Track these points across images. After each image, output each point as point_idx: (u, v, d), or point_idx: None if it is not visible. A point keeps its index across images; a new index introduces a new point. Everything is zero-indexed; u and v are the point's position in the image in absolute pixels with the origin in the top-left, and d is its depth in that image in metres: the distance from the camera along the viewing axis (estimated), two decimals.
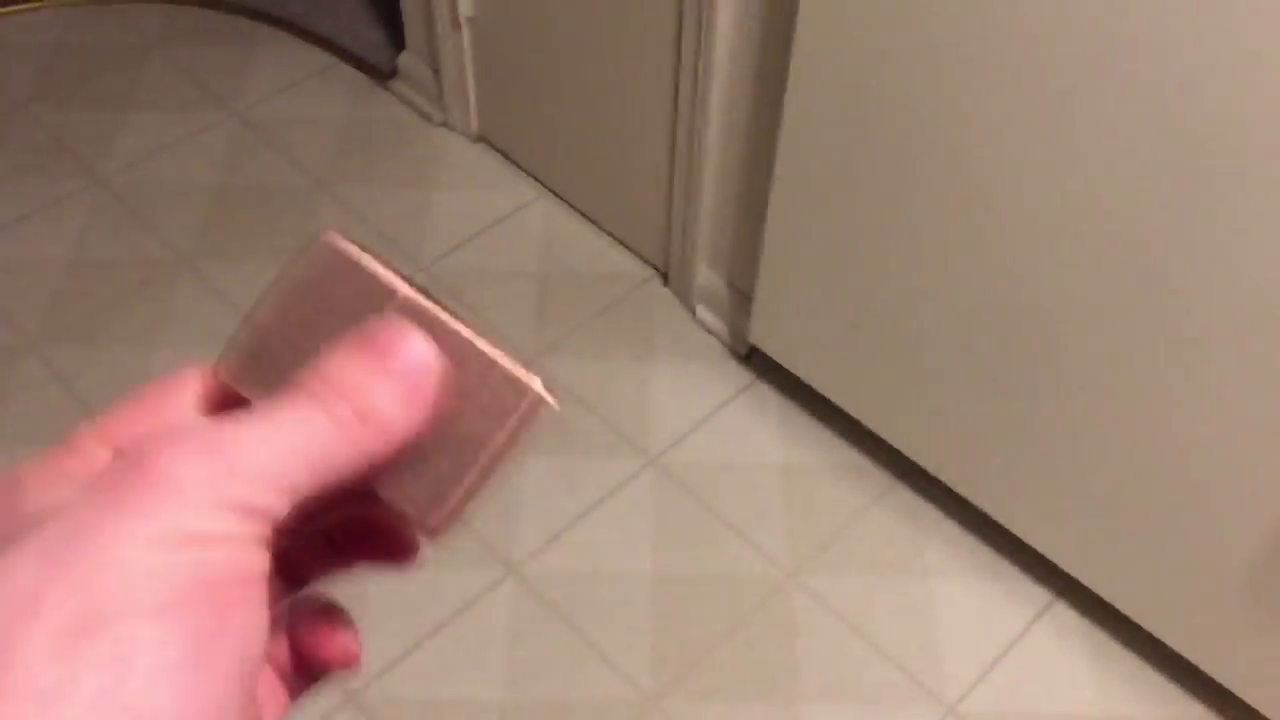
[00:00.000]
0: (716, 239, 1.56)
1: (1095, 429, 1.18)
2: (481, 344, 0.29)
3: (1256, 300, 0.98)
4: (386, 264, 0.30)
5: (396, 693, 1.28)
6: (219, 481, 0.25)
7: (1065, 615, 1.36)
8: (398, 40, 1.91)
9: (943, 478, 1.38)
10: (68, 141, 1.84)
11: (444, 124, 1.87)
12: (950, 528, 1.42)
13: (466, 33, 1.73)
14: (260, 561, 0.26)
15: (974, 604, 1.36)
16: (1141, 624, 1.28)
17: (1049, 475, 1.26)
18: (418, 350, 0.28)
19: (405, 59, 1.90)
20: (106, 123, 1.87)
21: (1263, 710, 1.21)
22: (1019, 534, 1.34)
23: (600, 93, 1.59)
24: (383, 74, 1.94)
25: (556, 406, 0.29)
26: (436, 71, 1.83)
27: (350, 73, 1.97)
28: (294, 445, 0.26)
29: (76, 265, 1.68)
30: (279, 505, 0.26)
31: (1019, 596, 1.37)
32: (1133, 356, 1.10)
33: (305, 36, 2.02)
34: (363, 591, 1.28)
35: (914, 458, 1.40)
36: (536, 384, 0.29)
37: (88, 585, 0.23)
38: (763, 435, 1.51)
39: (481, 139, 1.86)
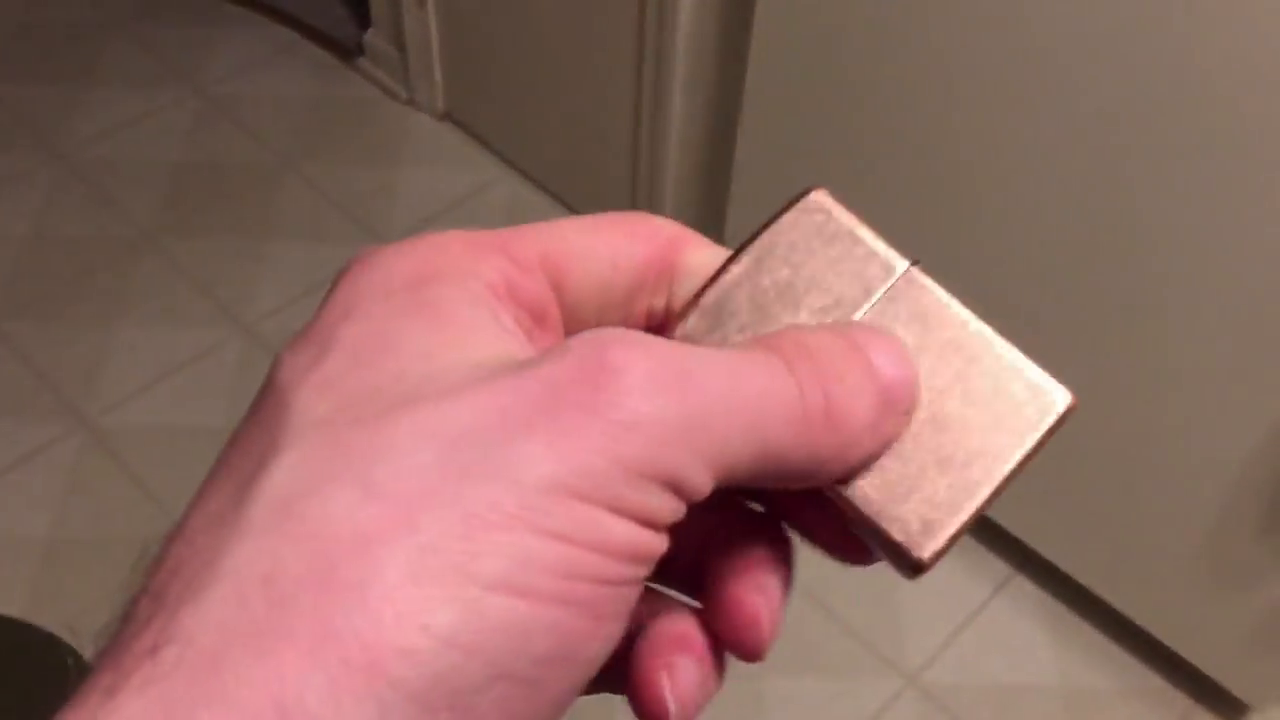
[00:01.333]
0: (681, 215, 1.56)
1: None
2: (1000, 344, 0.25)
3: (1215, 269, 1.00)
4: (879, 235, 0.25)
5: None
6: (678, 438, 0.20)
7: (1025, 588, 1.37)
8: (363, 17, 1.90)
9: None
10: (29, 117, 1.82)
11: (409, 102, 1.87)
12: None
13: (432, 10, 1.72)
14: (657, 554, 0.21)
15: (934, 577, 1.36)
16: (1100, 595, 1.29)
17: None
18: (904, 361, 0.23)
19: (370, 36, 1.89)
20: (68, 99, 1.85)
21: (1217, 678, 1.23)
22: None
23: (565, 71, 1.59)
24: (348, 51, 1.93)
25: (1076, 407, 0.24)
26: (402, 49, 1.82)
27: (315, 50, 1.96)
28: (756, 414, 0.21)
29: (37, 241, 1.66)
30: (706, 487, 0.21)
31: (979, 570, 1.38)
32: (1092, 330, 1.11)
33: (270, 13, 2.01)
34: None
35: None
36: (1065, 392, 0.24)
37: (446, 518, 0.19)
38: None
39: (447, 117, 1.85)
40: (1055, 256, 1.10)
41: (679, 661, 0.23)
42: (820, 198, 0.25)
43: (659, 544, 0.21)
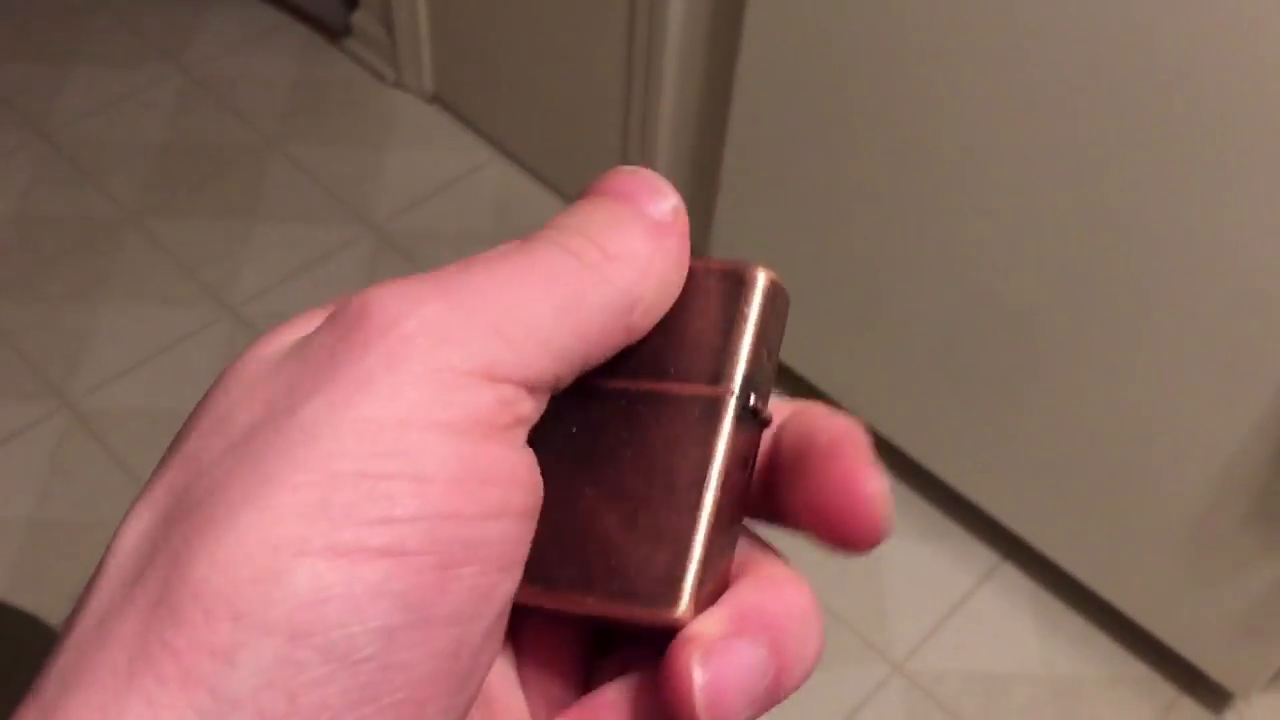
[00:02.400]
0: None
1: (1042, 391, 1.19)
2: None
3: (1204, 258, 0.99)
4: None
5: None
6: (462, 334, 0.19)
7: (1012, 576, 1.37)
8: None
9: (892, 439, 1.39)
10: (11, 95, 1.80)
11: (398, 84, 1.85)
12: (898, 489, 1.43)
13: None
14: (525, 462, 0.20)
15: (922, 565, 1.37)
16: (1087, 584, 1.29)
17: (997, 437, 1.27)
18: (667, 194, 0.23)
19: (359, 17, 1.87)
20: (52, 77, 1.83)
21: (1202, 666, 1.23)
22: (967, 495, 1.35)
23: (556, 53, 1.58)
24: (335, 32, 1.91)
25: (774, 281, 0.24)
26: (390, 30, 1.81)
27: (302, 30, 1.94)
28: (541, 287, 0.20)
29: (20, 220, 1.65)
30: (543, 369, 0.20)
31: (966, 558, 1.38)
32: (1080, 320, 1.11)
33: None
34: None
35: (862, 417, 1.40)
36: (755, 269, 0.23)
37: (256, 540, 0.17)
38: None
39: (436, 99, 1.84)
40: (1045, 247, 1.09)
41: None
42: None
43: (501, 454, 0.19)
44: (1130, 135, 0.98)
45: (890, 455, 1.43)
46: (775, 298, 0.23)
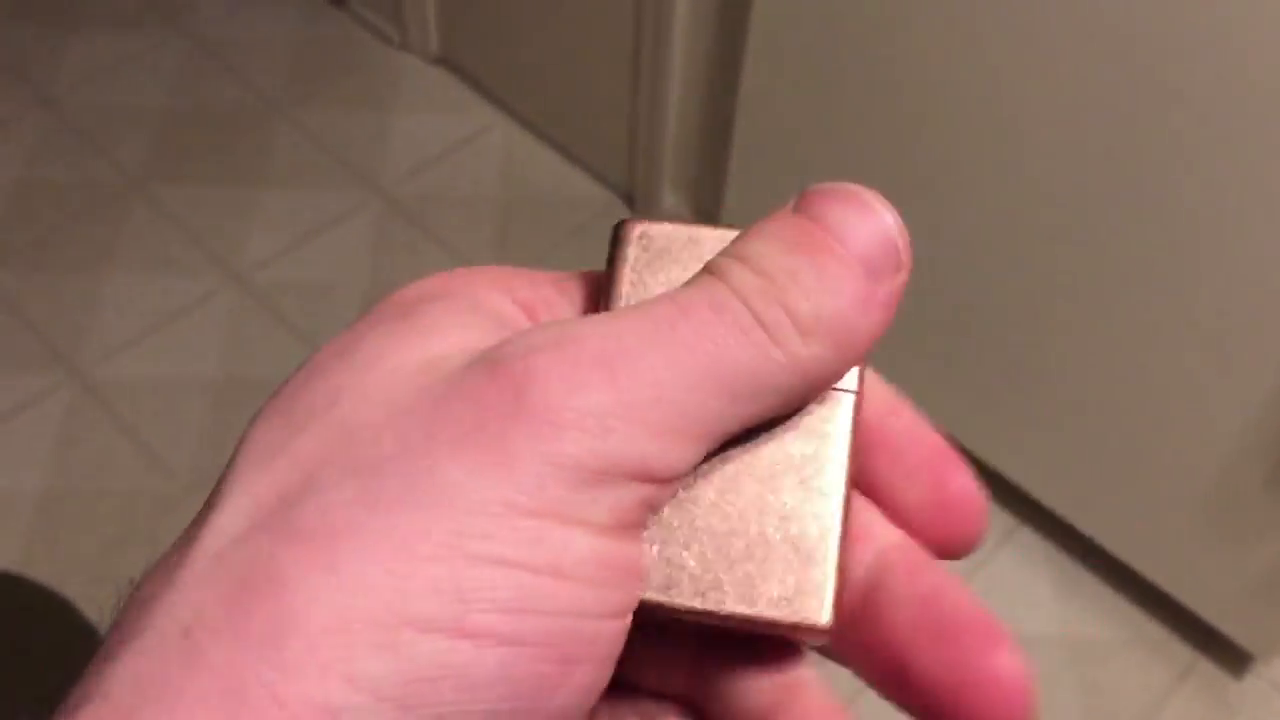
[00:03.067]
0: (682, 163, 1.53)
1: (1060, 353, 1.17)
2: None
3: (1224, 226, 0.97)
4: (703, 223, 0.23)
5: None
6: (618, 422, 0.18)
7: (1029, 539, 1.36)
8: None
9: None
10: (12, 61, 1.78)
11: (402, 45, 1.83)
12: None
13: None
14: (634, 565, 0.19)
15: None
16: (1105, 546, 1.28)
17: (1014, 400, 1.25)
18: (899, 245, 0.20)
19: None
20: (53, 41, 1.81)
21: (1221, 628, 1.23)
22: (983, 458, 1.34)
23: (563, 14, 1.55)
24: None
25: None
26: None
27: None
28: (707, 359, 0.18)
29: (23, 188, 1.63)
30: (685, 455, 0.18)
31: None
32: (1099, 281, 1.09)
33: None
34: None
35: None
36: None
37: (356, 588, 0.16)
38: None
39: (441, 61, 1.81)
40: (1064, 209, 1.07)
41: None
42: (634, 226, 0.23)
43: (634, 552, 0.18)
44: (1153, 100, 0.95)
45: None
46: None
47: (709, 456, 0.20)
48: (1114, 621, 1.30)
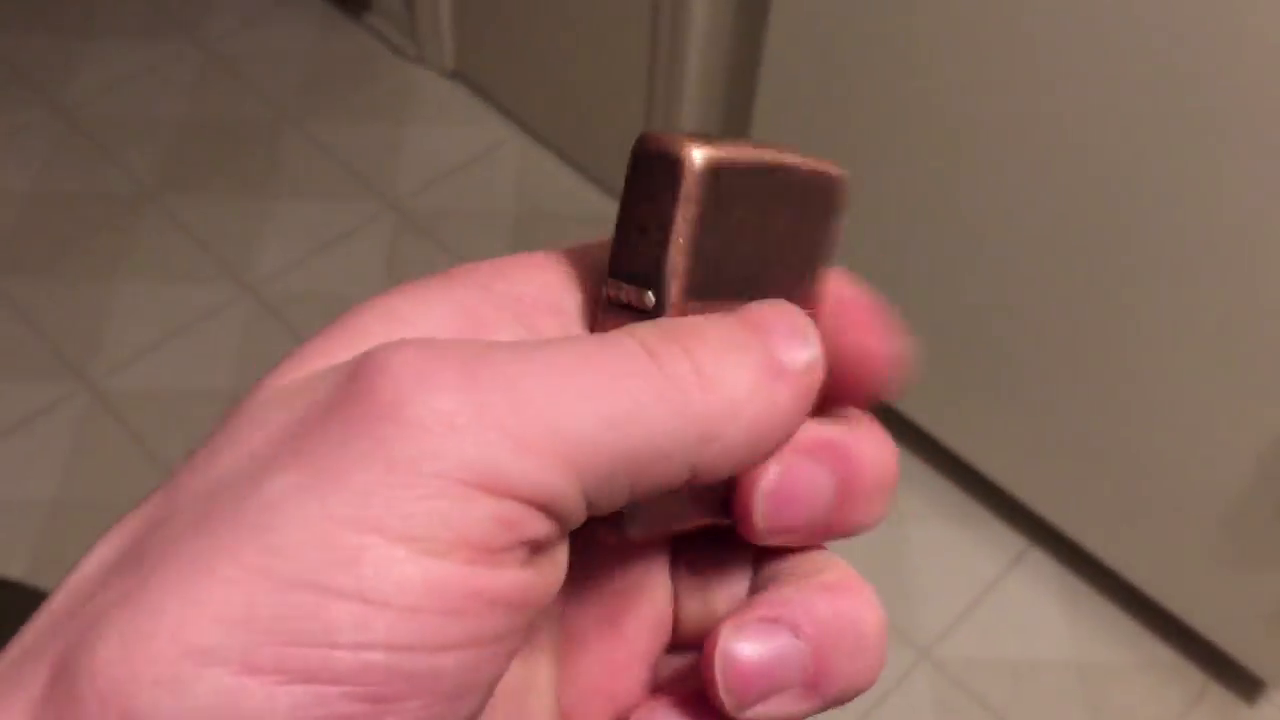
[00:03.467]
0: None
1: (1073, 374, 1.17)
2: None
3: (1241, 249, 0.97)
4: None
5: None
6: (470, 433, 0.16)
7: (1040, 561, 1.35)
8: None
9: (917, 421, 1.37)
10: (28, 70, 1.79)
11: (417, 59, 1.83)
12: (925, 473, 1.41)
13: None
14: (518, 584, 0.17)
15: (949, 550, 1.35)
16: (1116, 570, 1.27)
17: (1026, 420, 1.25)
18: (809, 342, 0.20)
19: None
20: (68, 52, 1.82)
21: (1233, 654, 1.22)
22: (995, 479, 1.33)
23: (578, 28, 1.55)
24: (354, 5, 1.89)
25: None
26: (410, 3, 1.78)
27: (320, 3, 1.92)
28: (594, 389, 0.17)
29: (37, 198, 1.63)
30: (564, 487, 0.16)
31: (994, 543, 1.36)
32: (1110, 298, 1.09)
33: None
34: None
35: (889, 400, 1.39)
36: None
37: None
38: None
39: (456, 75, 1.82)
40: (1082, 225, 1.07)
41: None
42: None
43: (486, 578, 0.16)
44: (1172, 108, 0.95)
45: (917, 438, 1.41)
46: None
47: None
48: (1125, 645, 1.29)
